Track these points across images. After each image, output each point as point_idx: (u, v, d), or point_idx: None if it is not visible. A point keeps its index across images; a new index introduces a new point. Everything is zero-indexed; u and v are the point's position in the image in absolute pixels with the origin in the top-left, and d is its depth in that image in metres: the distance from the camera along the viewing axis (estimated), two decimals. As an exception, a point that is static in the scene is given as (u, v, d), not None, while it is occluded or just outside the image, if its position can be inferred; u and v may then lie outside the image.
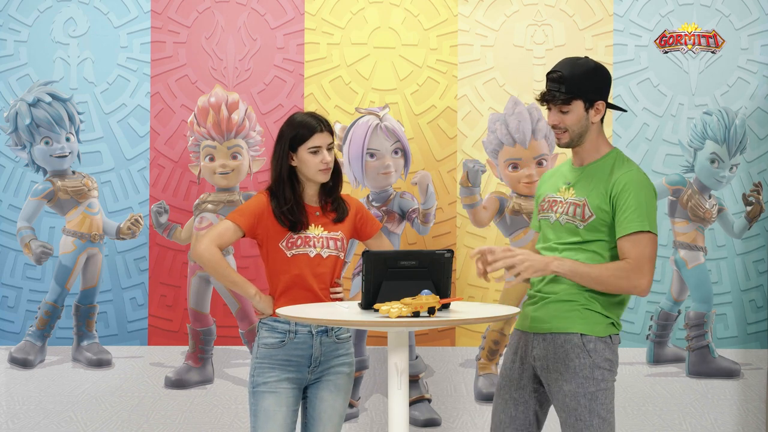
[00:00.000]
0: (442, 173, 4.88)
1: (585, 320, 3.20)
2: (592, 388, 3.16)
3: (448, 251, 3.09)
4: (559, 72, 3.25)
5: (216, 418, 4.82)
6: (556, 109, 3.27)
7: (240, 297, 4.83)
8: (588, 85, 3.26)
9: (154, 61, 4.90)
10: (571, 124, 3.26)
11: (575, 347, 3.18)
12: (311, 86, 4.89)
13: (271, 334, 3.46)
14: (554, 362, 3.21)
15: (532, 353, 3.28)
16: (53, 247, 4.88)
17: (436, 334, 4.86)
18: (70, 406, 4.83)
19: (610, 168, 3.26)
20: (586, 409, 3.15)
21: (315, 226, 3.50)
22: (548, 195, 3.39)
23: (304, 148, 3.48)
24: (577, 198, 3.27)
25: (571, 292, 3.21)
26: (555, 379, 3.20)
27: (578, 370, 3.17)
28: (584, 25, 4.89)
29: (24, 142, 4.88)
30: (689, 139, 4.88)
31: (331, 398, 3.50)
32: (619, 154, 3.32)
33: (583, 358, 3.17)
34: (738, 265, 4.88)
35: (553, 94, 3.25)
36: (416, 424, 4.75)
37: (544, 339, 3.24)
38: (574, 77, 3.24)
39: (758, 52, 4.88)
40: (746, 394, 4.84)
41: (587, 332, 3.19)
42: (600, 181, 3.24)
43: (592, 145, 3.31)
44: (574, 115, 3.25)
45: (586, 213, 3.22)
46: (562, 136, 3.29)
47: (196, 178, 4.88)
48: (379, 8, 4.92)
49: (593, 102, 3.27)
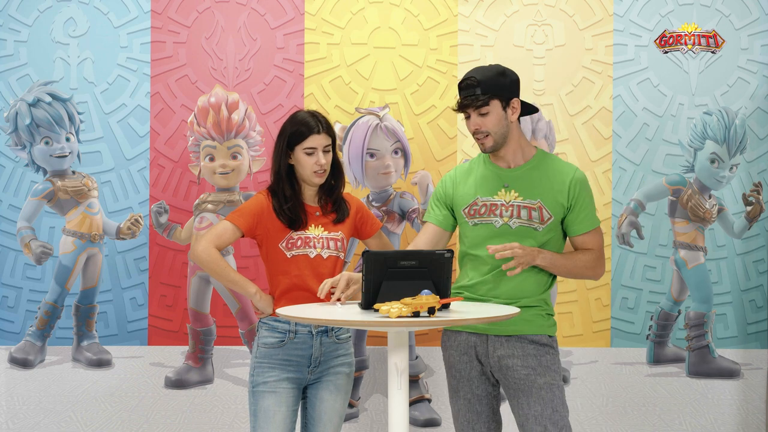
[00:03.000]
0: (442, 173, 4.88)
1: (548, 323, 3.42)
2: (559, 381, 3.37)
3: (448, 251, 3.09)
4: (472, 77, 3.36)
5: (216, 418, 4.82)
6: (475, 114, 3.36)
7: (240, 297, 4.83)
8: (501, 84, 3.36)
9: (154, 61, 4.90)
10: (492, 126, 3.35)
11: (545, 346, 3.38)
12: (311, 86, 4.89)
13: (271, 333, 3.46)
14: (524, 359, 3.35)
15: (495, 353, 3.39)
16: (53, 247, 4.88)
17: (436, 334, 4.86)
18: (70, 406, 4.83)
19: (551, 167, 3.40)
20: (560, 400, 3.35)
21: (315, 226, 3.50)
22: (480, 198, 3.42)
23: (300, 149, 3.48)
24: (527, 201, 3.37)
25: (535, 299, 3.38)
26: (526, 375, 3.34)
27: (550, 365, 3.37)
28: (584, 25, 4.89)
29: (24, 142, 4.88)
30: (689, 139, 4.88)
31: (331, 398, 3.50)
32: (545, 152, 3.48)
33: (552, 355, 3.39)
34: (738, 265, 4.88)
35: (470, 99, 3.34)
36: (416, 424, 4.75)
37: (508, 340, 3.38)
38: (487, 79, 3.35)
39: (758, 52, 4.88)
40: (746, 394, 4.84)
41: (551, 333, 3.43)
42: (549, 182, 3.38)
43: (517, 145, 3.42)
44: (494, 116, 3.35)
45: (545, 215, 3.36)
46: (485, 140, 3.37)
47: (196, 178, 4.88)
48: (379, 8, 4.92)
49: (509, 100, 3.37)
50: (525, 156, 3.43)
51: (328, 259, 3.50)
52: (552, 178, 3.38)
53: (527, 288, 3.38)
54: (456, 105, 3.40)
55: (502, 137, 3.37)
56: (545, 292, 3.42)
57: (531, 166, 3.41)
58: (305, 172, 3.49)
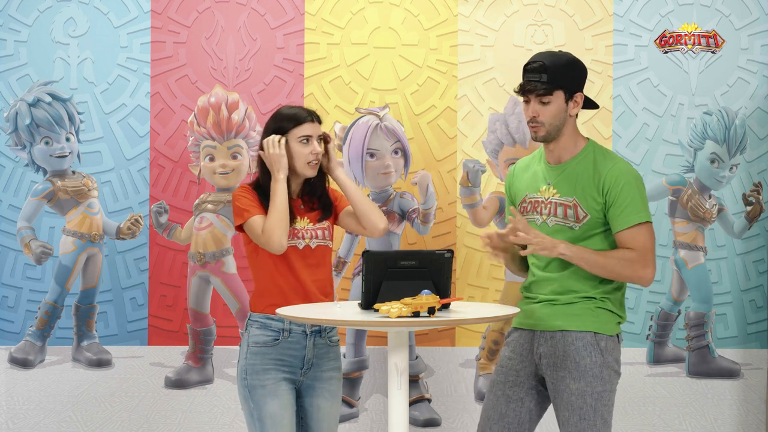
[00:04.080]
0: (442, 173, 4.88)
1: (597, 318, 3.19)
2: (600, 387, 3.15)
3: (448, 251, 3.09)
4: (540, 62, 3.20)
5: (216, 418, 4.82)
6: (536, 101, 3.19)
7: (240, 297, 4.83)
8: (569, 75, 3.21)
9: (154, 61, 4.90)
10: (549, 117, 3.19)
11: (588, 345, 3.16)
12: (311, 86, 4.89)
13: (264, 332, 3.39)
14: (563, 360, 3.17)
15: (537, 351, 3.24)
16: (53, 247, 4.88)
17: (436, 334, 4.86)
18: (70, 406, 4.83)
19: (593, 163, 3.21)
20: (592, 409, 3.13)
21: (301, 218, 3.44)
22: (528, 195, 3.32)
23: (294, 138, 3.42)
24: (563, 198, 3.21)
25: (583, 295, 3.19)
26: (562, 377, 3.16)
27: (588, 368, 3.14)
28: (584, 25, 4.89)
29: (24, 142, 4.88)
30: (689, 139, 4.88)
31: (328, 405, 3.45)
32: (596, 146, 3.28)
33: (595, 356, 3.15)
34: (738, 265, 4.88)
35: (534, 84, 3.18)
36: (416, 424, 4.75)
37: (552, 337, 3.20)
38: (555, 67, 3.19)
39: (758, 52, 4.88)
40: (746, 394, 4.84)
41: (600, 331, 3.18)
42: (586, 179, 3.19)
43: (570, 141, 3.25)
44: (554, 106, 3.19)
45: (580, 213, 3.18)
46: (538, 129, 3.20)
47: (196, 178, 4.88)
48: (379, 8, 4.92)
49: (573, 93, 3.22)
50: (573, 151, 3.25)
51: (317, 249, 3.44)
52: (590, 175, 3.19)
53: (574, 284, 3.19)
54: (518, 87, 3.24)
55: (557, 129, 3.20)
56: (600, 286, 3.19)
57: (576, 162, 3.24)
58: (299, 162, 3.42)
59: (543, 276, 3.26)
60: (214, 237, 4.85)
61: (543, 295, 3.25)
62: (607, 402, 3.17)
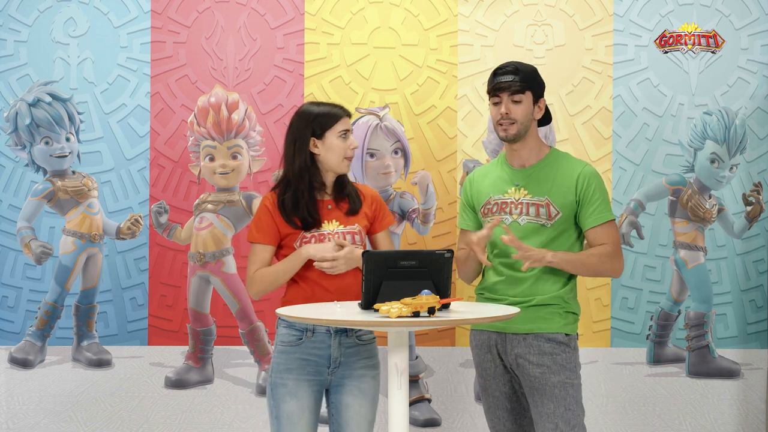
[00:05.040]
0: (442, 173, 4.88)
1: (566, 321, 3.41)
2: (576, 380, 3.37)
3: (448, 251, 3.08)
4: (512, 65, 3.43)
5: (216, 418, 4.82)
6: (508, 99, 3.39)
7: (240, 297, 4.83)
8: (536, 80, 3.44)
9: (154, 61, 4.90)
10: (520, 116, 3.40)
11: (561, 344, 3.38)
12: (311, 86, 4.89)
13: (289, 331, 3.36)
14: (540, 357, 3.35)
15: (512, 351, 3.40)
16: (53, 247, 4.88)
17: (436, 334, 4.86)
18: (70, 406, 4.83)
19: (561, 165, 3.44)
20: (573, 400, 3.34)
21: (328, 222, 3.40)
22: (493, 197, 3.47)
23: (334, 133, 3.37)
24: (535, 198, 3.40)
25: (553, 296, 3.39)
26: (541, 373, 3.34)
27: (565, 363, 3.36)
28: (584, 25, 4.89)
29: (24, 142, 4.88)
30: (689, 139, 4.88)
31: (357, 404, 3.39)
32: (559, 152, 3.51)
33: (568, 353, 3.38)
34: (738, 265, 4.88)
35: (508, 83, 3.39)
36: (416, 424, 4.75)
37: (525, 338, 3.39)
38: (525, 70, 3.43)
39: (758, 52, 4.88)
40: (746, 394, 4.84)
41: (569, 332, 3.41)
42: (558, 179, 3.40)
43: (535, 144, 3.47)
44: (524, 106, 3.41)
45: (552, 212, 3.38)
46: (510, 127, 3.41)
47: (196, 178, 4.88)
48: (379, 8, 4.92)
49: (538, 99, 3.45)
50: (538, 156, 3.46)
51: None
52: (561, 175, 3.41)
53: (541, 287, 3.39)
54: (489, 87, 3.44)
55: (525, 130, 3.42)
56: (562, 290, 3.40)
57: (543, 164, 3.45)
58: (336, 157, 3.36)
59: (511, 276, 3.42)
60: (214, 237, 4.85)
61: (511, 297, 3.41)
62: (581, 393, 3.40)
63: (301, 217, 3.36)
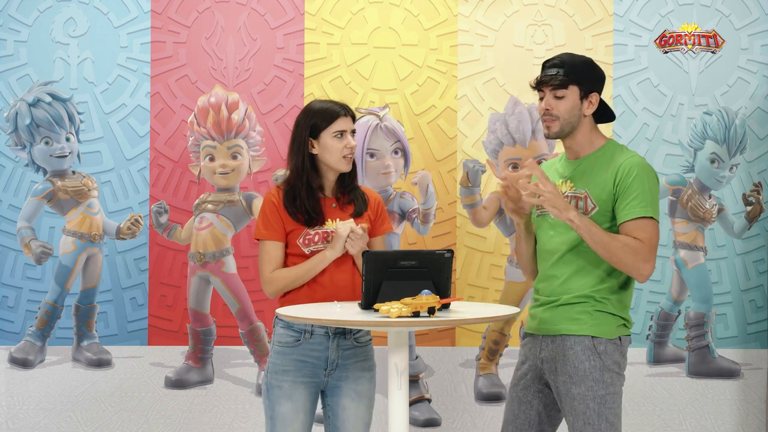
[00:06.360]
0: (442, 173, 4.88)
1: (596, 322, 3.14)
2: (602, 391, 3.11)
3: (448, 251, 3.08)
4: (559, 58, 3.21)
5: (216, 418, 4.82)
6: (550, 94, 3.18)
7: (240, 297, 4.83)
8: (586, 73, 3.20)
9: (154, 61, 4.90)
10: (563, 112, 3.17)
11: (585, 350, 3.12)
12: (311, 86, 4.89)
13: (287, 332, 3.34)
14: (563, 365, 3.14)
15: (540, 355, 3.22)
16: (53, 247, 4.88)
17: (436, 334, 4.86)
18: (70, 406, 4.83)
19: (610, 156, 3.18)
20: (595, 413, 3.09)
21: (332, 220, 3.37)
22: None
23: (328, 134, 3.35)
24: (576, 191, 3.18)
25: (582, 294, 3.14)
26: (563, 382, 3.13)
27: (588, 372, 3.10)
28: (584, 25, 4.89)
29: (24, 142, 4.88)
30: (689, 139, 4.88)
31: (354, 406, 3.37)
32: (616, 144, 3.26)
33: (593, 360, 3.11)
34: (738, 265, 4.88)
35: (550, 76, 3.17)
36: (416, 424, 4.75)
37: (552, 341, 3.18)
38: (573, 63, 3.19)
39: (758, 52, 4.88)
40: (746, 394, 4.84)
41: (598, 334, 3.13)
42: (600, 171, 3.16)
43: (586, 138, 3.23)
44: (568, 101, 3.17)
45: (589, 205, 3.14)
46: (552, 124, 3.18)
47: (196, 178, 4.88)
48: (379, 8, 4.92)
49: (588, 92, 3.20)
50: (591, 148, 3.22)
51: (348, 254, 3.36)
52: (604, 168, 3.16)
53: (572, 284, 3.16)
54: (533, 82, 3.23)
55: (570, 126, 3.18)
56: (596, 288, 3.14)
57: (593, 157, 3.21)
58: (333, 157, 3.35)
59: (547, 274, 3.24)
60: (214, 237, 4.85)
61: (545, 297, 3.24)
62: (612, 405, 3.13)
63: (304, 212, 3.34)
